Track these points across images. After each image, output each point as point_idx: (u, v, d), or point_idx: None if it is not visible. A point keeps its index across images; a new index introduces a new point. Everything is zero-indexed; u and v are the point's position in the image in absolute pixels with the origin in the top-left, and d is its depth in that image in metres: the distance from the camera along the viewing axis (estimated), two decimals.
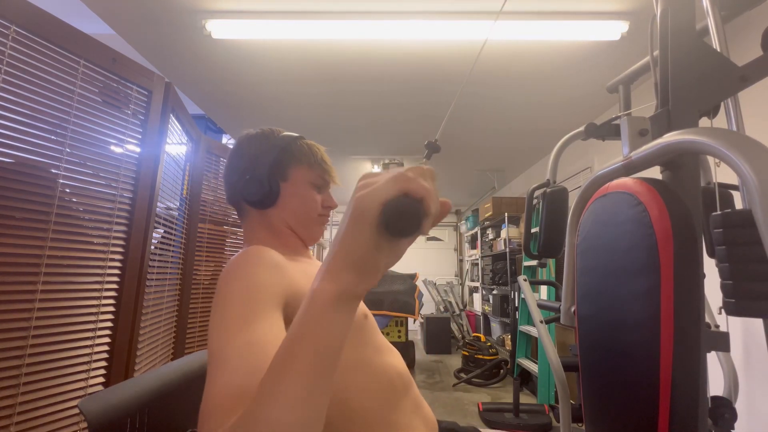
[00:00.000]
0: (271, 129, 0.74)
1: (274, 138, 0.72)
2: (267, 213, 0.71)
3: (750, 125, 1.74)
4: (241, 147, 0.72)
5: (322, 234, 0.77)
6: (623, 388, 0.67)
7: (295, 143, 0.73)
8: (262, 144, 0.71)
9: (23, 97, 0.91)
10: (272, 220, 0.71)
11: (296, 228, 0.72)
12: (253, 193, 0.68)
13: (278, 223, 0.71)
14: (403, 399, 0.66)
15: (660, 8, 0.78)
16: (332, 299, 0.32)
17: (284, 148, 0.71)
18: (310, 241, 0.76)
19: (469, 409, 2.89)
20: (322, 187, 0.75)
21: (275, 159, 0.70)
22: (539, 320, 1.52)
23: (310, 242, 0.76)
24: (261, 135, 0.73)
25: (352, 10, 1.95)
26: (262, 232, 0.71)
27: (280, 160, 0.70)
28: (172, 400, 0.84)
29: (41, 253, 0.94)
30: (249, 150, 0.71)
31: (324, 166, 0.75)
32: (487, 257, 5.14)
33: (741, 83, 0.70)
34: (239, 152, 0.72)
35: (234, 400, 0.38)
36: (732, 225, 0.55)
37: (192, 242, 1.77)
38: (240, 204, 0.72)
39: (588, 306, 0.79)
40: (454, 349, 5.00)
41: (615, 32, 2.01)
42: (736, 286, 0.55)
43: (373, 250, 0.32)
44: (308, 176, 0.73)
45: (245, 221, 0.73)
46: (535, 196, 1.22)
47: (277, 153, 0.70)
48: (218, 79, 2.67)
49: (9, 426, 0.85)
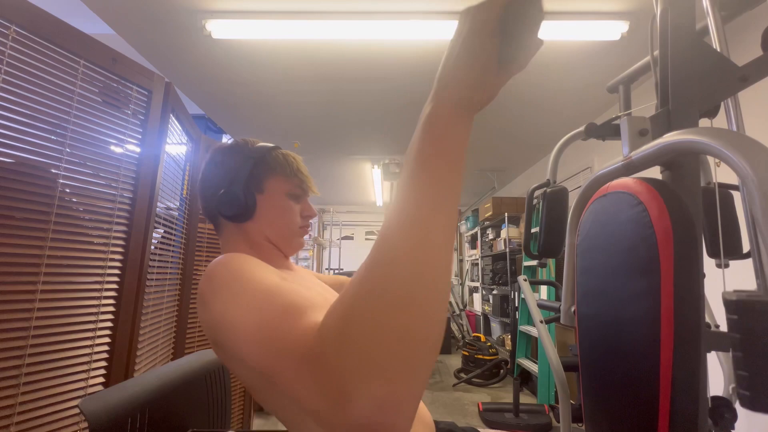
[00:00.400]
0: (245, 140, 0.73)
1: (247, 150, 0.70)
2: (244, 226, 0.69)
3: (750, 125, 1.74)
4: (214, 160, 0.70)
5: (302, 245, 0.76)
6: (623, 388, 0.67)
7: (269, 154, 0.71)
8: (236, 156, 0.69)
9: (23, 97, 0.91)
10: (250, 233, 0.69)
11: (275, 240, 0.71)
12: (230, 207, 0.66)
13: (256, 236, 0.69)
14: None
15: (660, 8, 0.78)
16: (452, 110, 0.34)
17: (259, 160, 0.69)
18: (290, 252, 0.74)
19: (469, 409, 2.89)
20: (299, 196, 0.74)
21: (250, 171, 0.68)
22: (539, 320, 1.52)
23: (290, 253, 0.75)
24: (234, 147, 0.71)
25: (352, 10, 1.95)
26: (240, 246, 0.69)
27: (255, 172, 0.69)
28: (172, 399, 0.84)
29: (41, 253, 0.94)
30: (224, 162, 0.69)
31: (300, 176, 0.73)
32: (487, 257, 5.14)
33: (741, 83, 0.71)
34: (213, 165, 0.70)
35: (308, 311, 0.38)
36: (751, 313, 0.50)
37: (192, 242, 1.76)
38: (216, 218, 0.70)
39: (588, 306, 0.79)
40: (454, 349, 5.00)
41: (615, 32, 2.01)
42: (753, 379, 0.50)
43: (494, 60, 0.34)
44: (285, 187, 0.71)
45: (222, 235, 0.71)
46: (535, 196, 1.22)
47: (251, 165, 0.68)
48: (218, 79, 2.67)
49: (9, 426, 0.85)
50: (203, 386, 0.97)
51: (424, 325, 0.30)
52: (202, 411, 0.96)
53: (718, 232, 0.94)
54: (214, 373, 1.02)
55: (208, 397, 0.98)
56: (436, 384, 3.53)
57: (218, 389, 1.03)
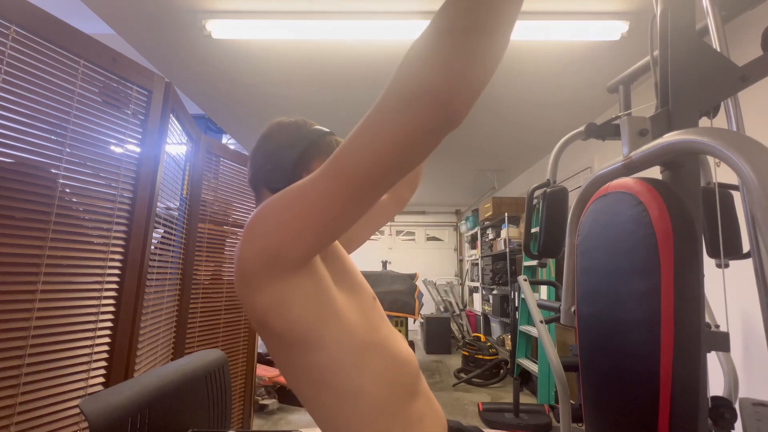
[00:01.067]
0: (305, 120, 0.75)
1: (305, 129, 0.72)
2: None
3: (750, 125, 1.74)
4: (272, 133, 0.73)
5: None
6: (623, 387, 0.67)
7: (324, 138, 0.73)
8: (292, 134, 0.71)
9: (23, 97, 0.91)
10: None
11: None
12: (276, 180, 0.68)
13: None
14: (416, 390, 0.65)
15: (660, 8, 0.78)
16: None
17: (313, 141, 0.71)
18: None
19: (469, 409, 2.89)
20: None
21: (303, 150, 0.70)
22: (539, 320, 1.52)
23: None
24: (293, 124, 0.73)
25: (351, 10, 1.95)
26: None
27: (307, 151, 0.70)
28: (172, 400, 0.84)
29: (41, 253, 0.94)
30: (279, 137, 0.71)
31: None
32: (487, 257, 5.14)
33: (741, 83, 0.71)
34: (269, 137, 0.72)
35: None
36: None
37: (192, 242, 1.77)
38: (260, 188, 0.72)
39: (588, 306, 0.79)
40: (454, 349, 5.00)
41: (615, 32, 2.01)
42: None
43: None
44: None
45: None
46: (535, 196, 1.22)
47: (306, 144, 0.70)
48: (218, 79, 2.67)
49: (9, 426, 0.85)
50: (203, 386, 0.97)
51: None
52: (202, 411, 0.96)
53: (718, 232, 0.94)
54: (214, 373, 1.02)
55: (208, 397, 0.98)
56: (436, 384, 3.54)
57: (218, 389, 1.03)
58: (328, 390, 0.57)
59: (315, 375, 0.56)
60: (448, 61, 0.39)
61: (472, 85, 0.40)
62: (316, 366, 0.56)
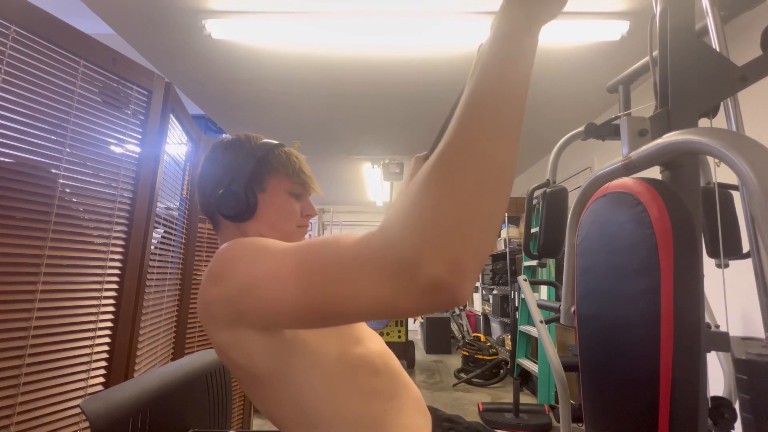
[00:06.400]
0: (248, 136, 0.70)
1: (250, 146, 0.68)
2: (243, 226, 0.67)
3: (750, 125, 1.74)
4: (214, 156, 0.68)
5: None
6: (623, 388, 0.67)
7: (272, 152, 0.68)
8: (237, 153, 0.66)
9: (23, 97, 0.91)
10: (249, 232, 0.67)
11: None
12: (230, 207, 0.64)
13: (255, 235, 0.67)
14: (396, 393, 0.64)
15: (660, 8, 0.78)
16: (523, 25, 0.37)
17: (261, 159, 0.67)
18: None
19: (469, 409, 2.89)
20: (301, 195, 0.72)
21: (252, 170, 0.65)
22: (539, 320, 1.52)
23: None
24: (236, 143, 0.68)
25: (352, 10, 1.95)
26: None
27: (257, 171, 0.66)
28: (173, 400, 0.84)
29: (41, 253, 0.93)
30: (224, 159, 0.66)
31: (302, 176, 0.71)
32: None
33: (741, 83, 0.71)
34: (215, 161, 0.67)
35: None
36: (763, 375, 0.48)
37: (192, 242, 1.76)
38: (215, 216, 0.68)
39: (588, 306, 0.79)
40: (454, 349, 5.00)
41: (615, 32, 2.01)
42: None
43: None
44: (286, 185, 0.69)
45: (221, 233, 0.69)
46: (535, 196, 1.22)
47: (254, 163, 0.66)
48: (218, 79, 2.67)
49: (9, 426, 0.85)
50: (203, 386, 0.97)
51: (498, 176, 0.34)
52: (203, 411, 0.96)
53: (717, 232, 0.94)
54: (215, 373, 1.02)
55: (208, 397, 0.98)
56: (436, 384, 3.53)
57: (218, 389, 1.03)
58: (303, 416, 0.55)
59: (288, 404, 0.55)
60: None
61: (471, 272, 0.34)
62: (288, 396, 0.55)
